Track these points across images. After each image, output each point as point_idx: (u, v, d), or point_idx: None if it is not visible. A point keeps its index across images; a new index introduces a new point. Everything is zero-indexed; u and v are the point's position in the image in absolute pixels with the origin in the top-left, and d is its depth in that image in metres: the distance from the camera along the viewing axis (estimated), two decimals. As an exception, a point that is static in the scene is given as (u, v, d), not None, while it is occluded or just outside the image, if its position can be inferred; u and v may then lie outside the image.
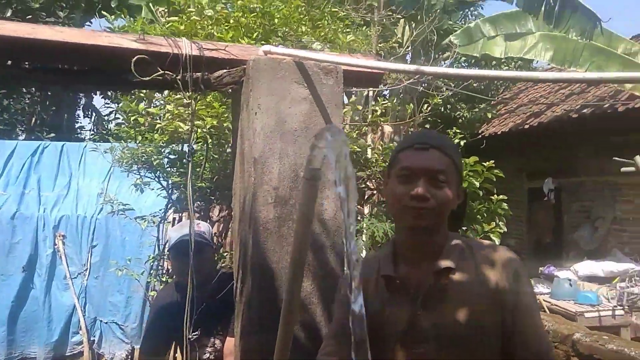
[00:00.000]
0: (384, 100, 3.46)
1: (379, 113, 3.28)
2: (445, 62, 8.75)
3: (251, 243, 1.80)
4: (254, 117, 1.77)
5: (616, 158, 5.11)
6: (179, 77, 1.79)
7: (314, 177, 0.87)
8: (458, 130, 9.20)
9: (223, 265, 3.60)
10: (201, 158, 3.38)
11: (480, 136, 8.23)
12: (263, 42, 2.75)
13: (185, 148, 4.07)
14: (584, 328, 2.57)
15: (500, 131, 8.54)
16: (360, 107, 3.56)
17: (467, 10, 9.91)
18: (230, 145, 3.45)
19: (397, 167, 1.22)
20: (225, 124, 2.78)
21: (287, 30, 3.01)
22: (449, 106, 8.97)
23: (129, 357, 5.67)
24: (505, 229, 4.07)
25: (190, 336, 1.92)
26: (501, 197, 4.11)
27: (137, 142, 3.57)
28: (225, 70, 1.86)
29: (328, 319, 1.84)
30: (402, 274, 1.24)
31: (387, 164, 1.40)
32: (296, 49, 2.17)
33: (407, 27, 6.69)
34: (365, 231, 3.05)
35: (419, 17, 6.72)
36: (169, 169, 3.74)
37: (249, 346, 1.85)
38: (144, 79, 1.73)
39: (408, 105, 4.03)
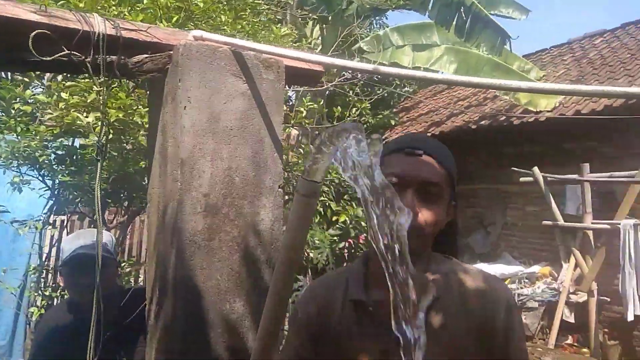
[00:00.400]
0: (308, 102, 3.31)
1: (304, 114, 3.12)
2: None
3: (174, 258, 1.54)
4: (182, 111, 1.51)
5: (515, 168, 5.44)
6: (88, 59, 1.47)
7: (312, 192, 0.67)
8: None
9: (120, 276, 3.21)
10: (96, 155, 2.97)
11: (385, 142, 8.39)
12: (184, 28, 2.46)
13: (77, 143, 3.61)
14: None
15: (404, 138, 8.78)
16: (285, 108, 3.37)
17: (372, 18, 10.11)
18: (131, 141, 3.08)
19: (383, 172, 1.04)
20: (134, 118, 2.44)
21: (207, 18, 2.73)
22: (357, 112, 9.05)
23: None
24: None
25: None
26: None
27: (17, 134, 3.06)
28: (146, 55, 1.58)
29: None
30: (376, 301, 1.06)
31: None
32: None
33: (316, 29, 6.62)
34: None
35: (330, 19, 6.68)
36: (55, 166, 3.26)
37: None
38: (45, 58, 1.40)
39: (336, 109, 3.90)
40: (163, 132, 1.64)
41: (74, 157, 3.26)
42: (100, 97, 1.60)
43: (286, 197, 3.57)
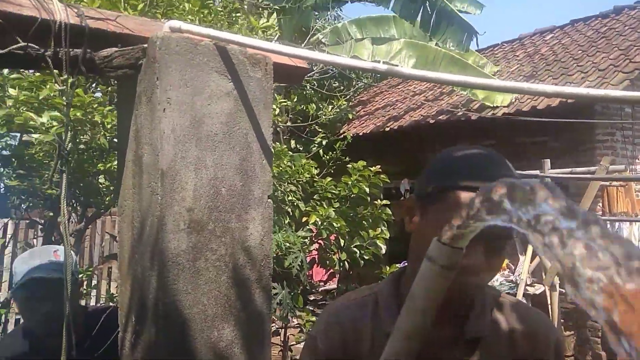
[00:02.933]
0: (281, 99, 3.12)
1: (276, 112, 2.93)
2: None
3: (155, 283, 1.35)
4: (161, 114, 1.32)
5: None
6: (49, 52, 1.25)
7: (454, 264, 0.50)
8: (320, 130, 9.24)
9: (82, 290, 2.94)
10: (50, 159, 2.70)
11: (342, 136, 8.30)
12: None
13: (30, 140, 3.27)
14: None
15: (362, 132, 8.74)
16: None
17: (330, 10, 9.96)
18: (85, 140, 2.81)
19: (448, 211, 0.76)
20: (95, 118, 2.18)
21: (169, 6, 2.49)
22: (313, 105, 8.90)
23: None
24: (389, 235, 4.02)
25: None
26: (384, 201, 4.05)
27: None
28: (116, 49, 1.37)
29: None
30: None
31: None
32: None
33: (272, 18, 6.41)
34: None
35: (287, 7, 6.49)
36: (1, 168, 2.94)
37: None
38: (-4, 51, 1.17)
39: (310, 106, 3.72)
40: (137, 138, 1.44)
41: (24, 158, 2.95)
42: (64, 97, 1.36)
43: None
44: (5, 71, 2.05)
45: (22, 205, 2.86)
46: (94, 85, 2.17)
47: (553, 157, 5.96)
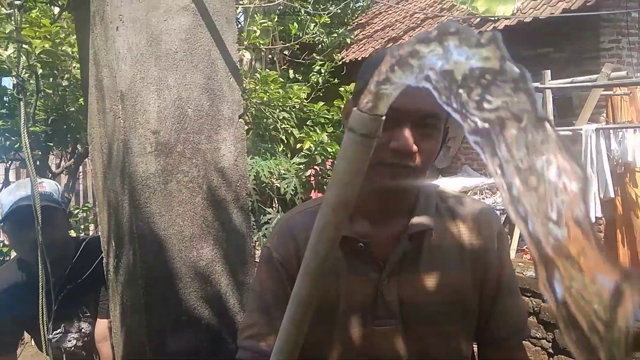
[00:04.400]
0: (262, 19, 2.98)
1: (257, 34, 2.81)
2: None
3: (127, 206, 1.35)
4: (115, 33, 1.26)
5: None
6: (-13, -28, 1.18)
7: (374, 130, 0.48)
8: (318, 57, 8.99)
9: (76, 224, 2.99)
10: (30, 95, 2.65)
11: (341, 62, 8.08)
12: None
13: (7, 82, 3.22)
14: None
15: (361, 57, 8.49)
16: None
17: None
18: (67, 76, 2.75)
19: None
20: (62, 48, 2.11)
21: None
22: (307, 31, 8.60)
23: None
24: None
25: (51, 336, 1.45)
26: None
27: None
28: (62, -35, 1.29)
29: (235, 289, 1.50)
30: (365, 236, 0.92)
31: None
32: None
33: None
34: (248, 173, 2.68)
35: None
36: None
37: (135, 331, 1.45)
38: None
39: (292, 26, 3.56)
40: (95, 60, 1.39)
41: (3, 99, 2.91)
42: (13, 23, 1.30)
43: (246, 128, 3.36)
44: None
45: (7, 144, 2.85)
46: (59, 13, 2.07)
47: (557, 68, 5.79)
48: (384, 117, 0.48)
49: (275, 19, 3.92)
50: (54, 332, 1.69)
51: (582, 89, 4.87)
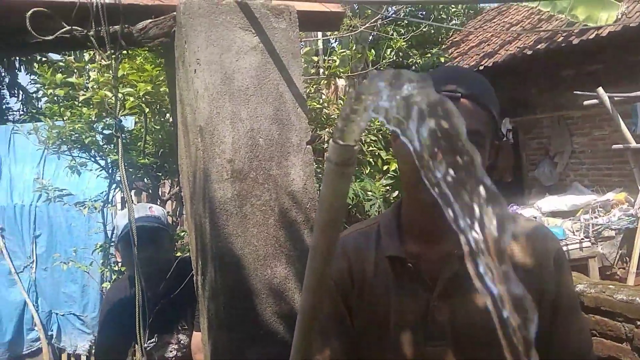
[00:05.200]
0: (341, 49, 3.12)
1: (337, 64, 2.95)
2: (393, 8, 8.39)
3: (209, 228, 1.50)
4: (193, 75, 1.43)
5: (577, 92, 5.01)
6: (91, 32, 1.41)
7: (348, 159, 0.55)
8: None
9: (182, 245, 3.28)
10: (141, 131, 2.99)
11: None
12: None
13: (126, 121, 3.66)
14: (587, 278, 2.43)
15: (455, 74, 8.35)
16: (316, 58, 3.21)
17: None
18: (167, 114, 3.07)
19: None
20: (162, 89, 2.40)
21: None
22: (400, 54, 8.67)
23: (93, 347, 5.38)
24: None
25: (146, 345, 1.63)
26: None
27: (64, 119, 3.12)
28: (150, 21, 1.50)
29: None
30: (415, 255, 0.96)
31: None
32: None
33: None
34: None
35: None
36: (104, 146, 3.32)
37: (218, 344, 1.58)
38: (47, 38, 1.35)
39: (369, 52, 3.66)
40: (180, 100, 1.58)
41: (121, 136, 3.30)
42: (110, 71, 1.53)
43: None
44: (86, 57, 2.31)
45: (131, 176, 3.23)
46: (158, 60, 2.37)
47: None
48: (356, 147, 0.54)
49: (353, 47, 4.05)
50: (149, 341, 1.88)
51: None
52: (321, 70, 3.45)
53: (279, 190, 1.55)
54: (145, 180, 3.44)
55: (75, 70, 2.71)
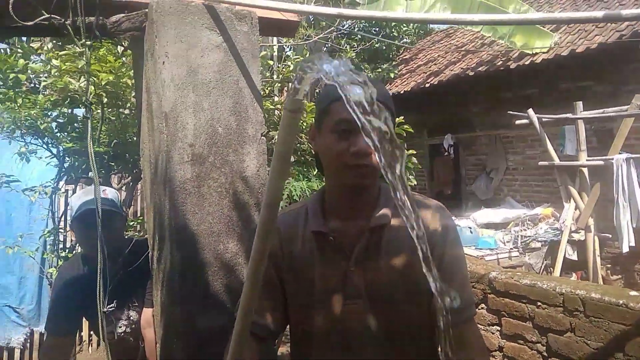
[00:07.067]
0: (295, 56, 3.33)
1: (291, 69, 3.15)
2: (347, 22, 8.73)
3: (168, 206, 1.65)
4: (161, 67, 1.59)
5: (511, 112, 5.45)
6: (68, 21, 1.55)
7: (298, 108, 0.77)
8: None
9: (130, 235, 3.36)
10: (97, 120, 3.07)
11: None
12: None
13: (78, 112, 3.70)
14: (499, 267, 2.73)
15: (403, 90, 8.78)
16: (271, 62, 3.40)
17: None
18: (128, 105, 3.17)
19: (331, 120, 1.12)
20: (123, 80, 2.51)
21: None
22: (352, 67, 8.97)
23: (28, 340, 5.26)
24: (415, 182, 4.21)
25: (105, 309, 1.75)
26: (410, 151, 4.23)
27: (18, 104, 3.16)
28: (123, 15, 1.65)
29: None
30: (335, 230, 1.18)
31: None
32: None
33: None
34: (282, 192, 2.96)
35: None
36: (58, 134, 3.36)
37: (171, 317, 1.73)
38: (27, 23, 1.48)
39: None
40: (147, 88, 1.73)
41: (74, 124, 3.35)
42: (83, 60, 1.67)
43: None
44: (50, 45, 2.40)
45: (82, 166, 3.28)
46: (122, 52, 2.47)
47: (596, 101, 5.83)
48: (303, 100, 0.76)
49: (307, 54, 4.32)
50: (108, 305, 1.99)
51: (621, 118, 4.92)
52: (275, 75, 3.65)
53: (234, 174, 1.72)
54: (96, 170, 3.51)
55: (36, 58, 2.77)
